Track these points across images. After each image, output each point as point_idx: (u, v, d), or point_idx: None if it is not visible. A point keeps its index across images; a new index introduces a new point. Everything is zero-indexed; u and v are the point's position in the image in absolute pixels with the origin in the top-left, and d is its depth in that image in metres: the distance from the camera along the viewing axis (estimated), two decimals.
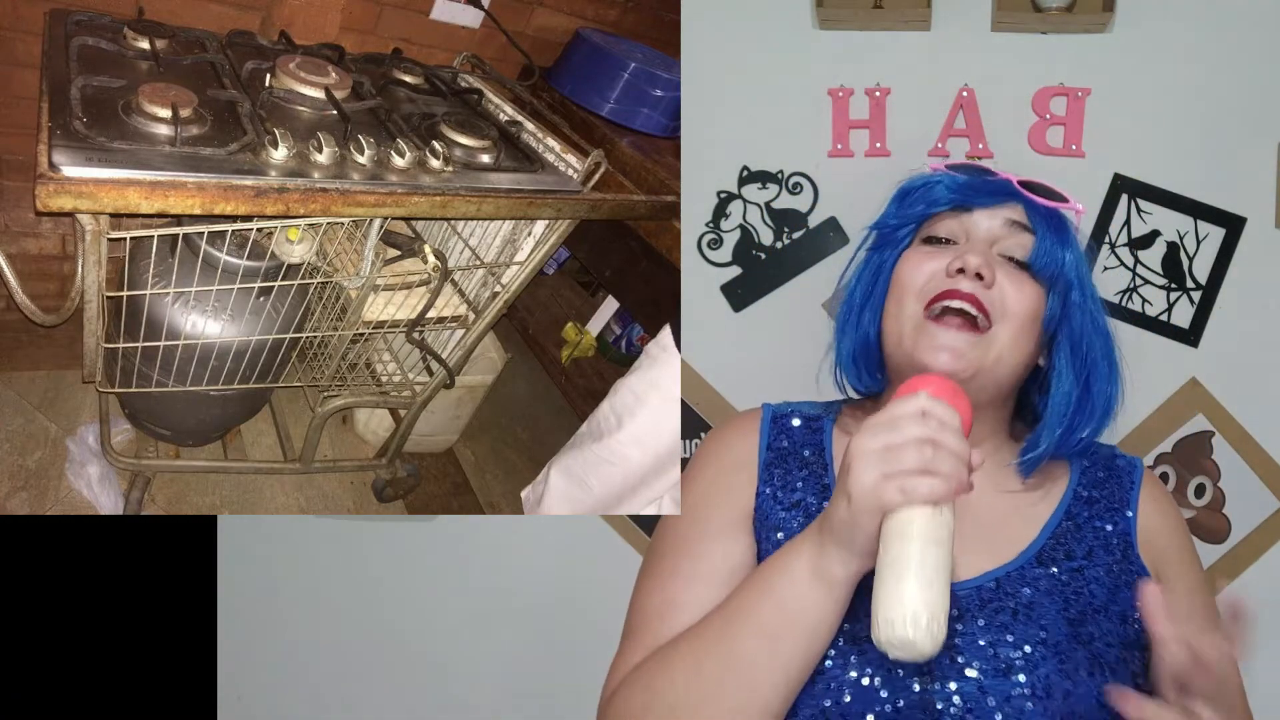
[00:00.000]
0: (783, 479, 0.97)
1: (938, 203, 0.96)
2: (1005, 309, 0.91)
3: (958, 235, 0.96)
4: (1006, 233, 0.95)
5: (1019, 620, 0.87)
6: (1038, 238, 0.94)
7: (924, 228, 0.98)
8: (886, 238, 0.99)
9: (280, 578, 1.77)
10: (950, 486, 0.73)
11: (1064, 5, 1.52)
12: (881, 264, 0.99)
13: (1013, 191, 0.96)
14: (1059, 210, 0.97)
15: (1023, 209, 0.96)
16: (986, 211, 0.95)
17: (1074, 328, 0.95)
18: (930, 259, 0.94)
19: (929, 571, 0.71)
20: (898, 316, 0.94)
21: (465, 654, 1.73)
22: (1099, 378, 0.96)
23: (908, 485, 0.73)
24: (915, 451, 0.74)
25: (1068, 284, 0.94)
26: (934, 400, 0.77)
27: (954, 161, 1.01)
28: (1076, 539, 0.93)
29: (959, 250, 0.93)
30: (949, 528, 0.74)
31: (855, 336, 0.99)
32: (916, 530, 0.73)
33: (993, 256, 0.93)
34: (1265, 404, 1.59)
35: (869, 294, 0.99)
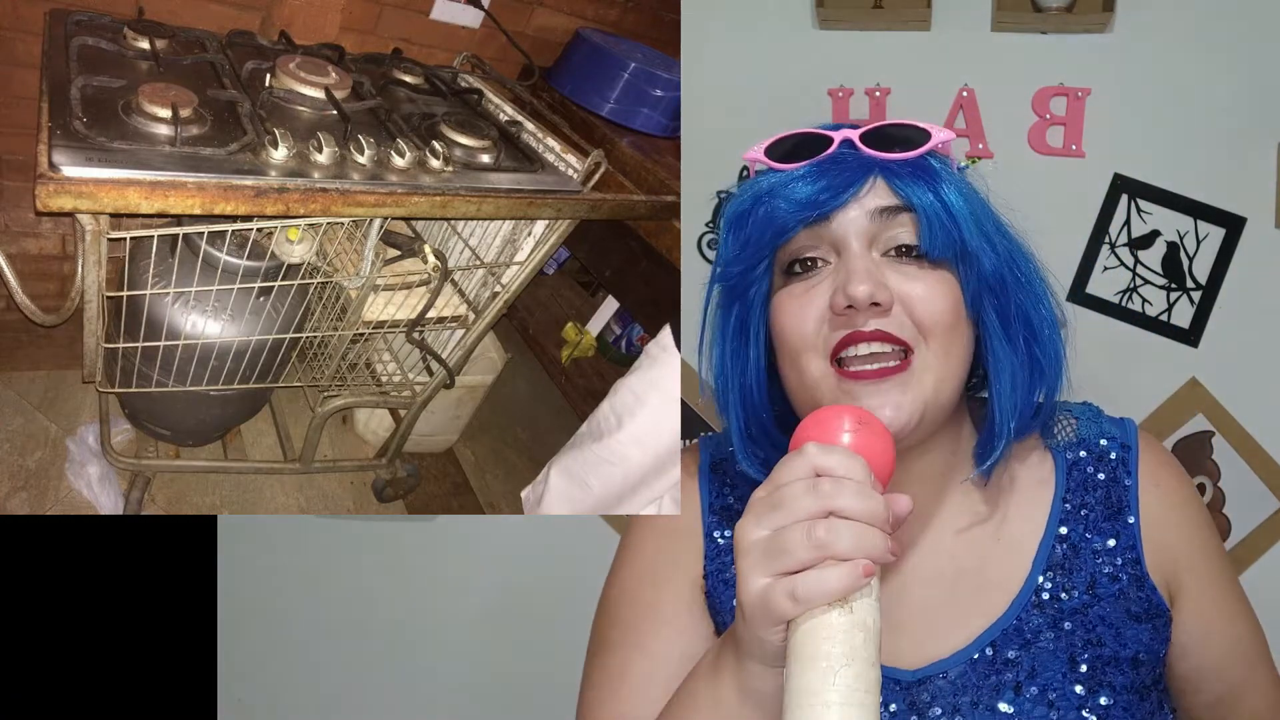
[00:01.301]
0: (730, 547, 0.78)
1: (784, 228, 0.74)
2: (919, 322, 0.73)
3: (825, 253, 0.75)
4: (879, 225, 0.74)
5: (1024, 697, 0.74)
6: (919, 214, 0.73)
7: (780, 256, 0.77)
8: (736, 284, 0.78)
9: (280, 578, 1.77)
10: (856, 571, 0.58)
11: (1064, 5, 1.53)
12: (745, 317, 0.79)
13: (866, 164, 0.75)
14: (925, 158, 0.75)
15: (885, 183, 0.74)
16: (848, 208, 0.74)
17: (996, 292, 0.76)
18: (807, 299, 0.74)
19: (843, 707, 0.56)
20: (801, 383, 0.75)
21: (465, 654, 1.73)
22: (1038, 335, 0.78)
23: (800, 589, 0.58)
24: (804, 536, 0.59)
25: (974, 250, 0.74)
26: (825, 451, 0.61)
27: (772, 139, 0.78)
28: (1074, 568, 0.79)
29: (835, 274, 0.74)
30: (866, 625, 0.59)
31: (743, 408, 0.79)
32: (822, 648, 0.58)
33: (876, 266, 0.73)
34: (1265, 404, 1.59)
35: (742, 356, 0.79)
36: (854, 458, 0.61)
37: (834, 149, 0.76)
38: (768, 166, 0.78)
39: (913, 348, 0.73)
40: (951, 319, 0.74)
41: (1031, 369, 0.78)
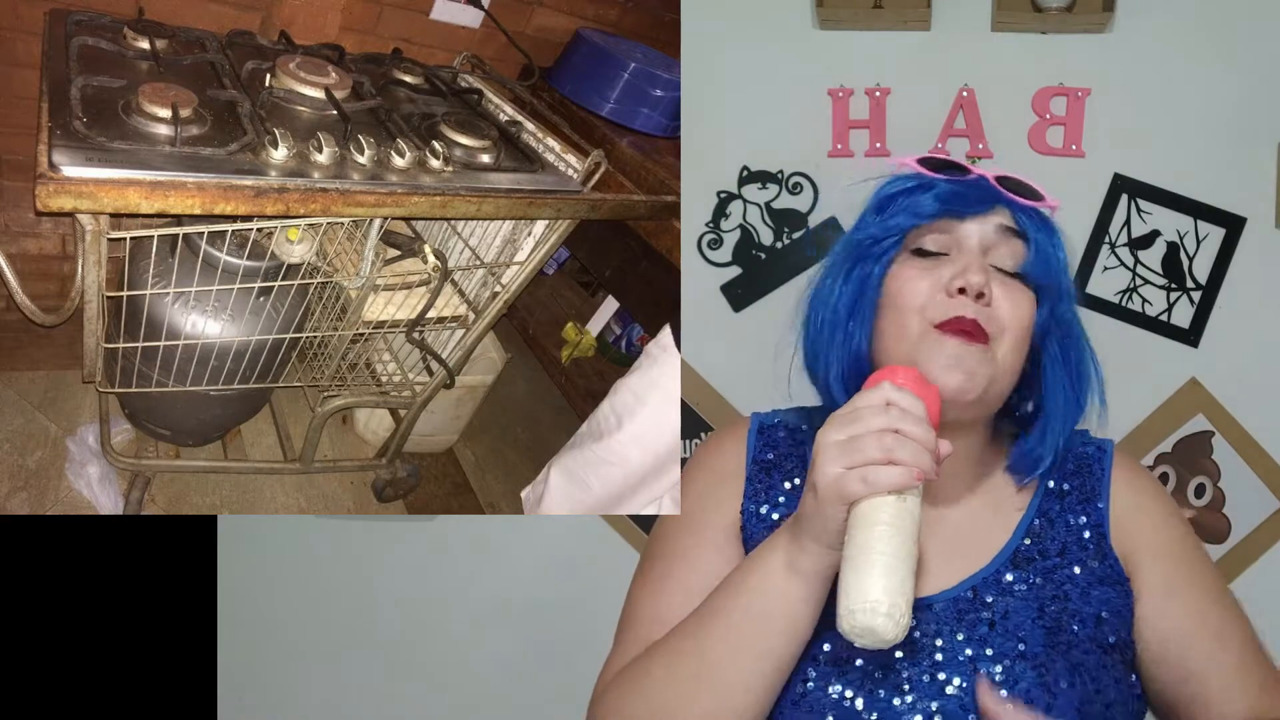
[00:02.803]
0: (766, 494, 0.96)
1: (924, 215, 0.92)
2: (1002, 324, 0.89)
3: (948, 247, 0.91)
4: (997, 241, 0.91)
5: (996, 632, 0.86)
6: (1030, 246, 0.91)
7: (910, 238, 0.93)
8: (867, 250, 0.94)
9: (280, 578, 1.77)
10: (913, 474, 0.73)
11: (1064, 5, 1.52)
12: (866, 277, 0.93)
13: (998, 196, 0.93)
14: (1041, 211, 0.95)
15: (1009, 213, 0.93)
16: (977, 220, 0.91)
17: (1063, 331, 0.93)
18: (925, 275, 0.90)
19: (890, 559, 0.72)
20: (900, 336, 0.90)
21: (465, 654, 1.73)
22: (1086, 380, 0.95)
23: (870, 475, 0.73)
24: (877, 441, 0.74)
25: (1059, 292, 0.92)
26: (898, 390, 0.77)
27: (924, 156, 0.95)
28: (1050, 537, 0.93)
29: (954, 265, 0.90)
30: (913, 515, 0.74)
31: (844, 355, 0.94)
32: (879, 518, 0.73)
33: (987, 269, 0.90)
34: (1265, 404, 1.59)
35: (853, 309, 0.93)
36: (917, 399, 0.77)
37: (972, 178, 0.93)
38: (915, 170, 0.94)
39: (992, 339, 0.88)
40: (1025, 329, 0.90)
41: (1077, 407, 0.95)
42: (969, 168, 0.94)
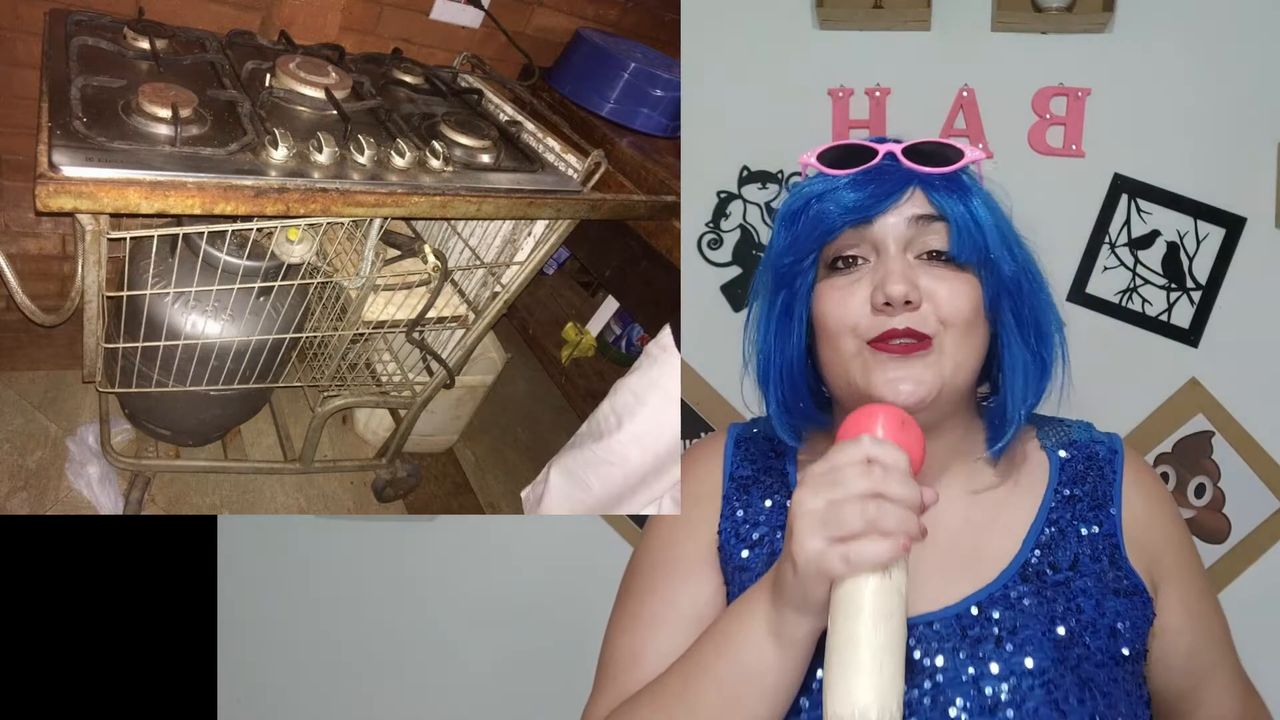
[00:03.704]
0: (745, 512, 0.93)
1: (832, 228, 0.85)
2: (942, 318, 0.83)
3: (866, 252, 0.85)
4: (915, 230, 0.84)
5: (1002, 649, 0.82)
6: (951, 223, 0.84)
7: (825, 252, 0.87)
8: (785, 274, 0.88)
9: (280, 578, 1.77)
10: (898, 545, 0.69)
11: (1064, 5, 1.53)
12: (790, 302, 0.88)
13: (906, 176, 0.85)
14: (958, 174, 0.86)
15: (923, 193, 0.85)
16: (890, 213, 0.84)
17: (1013, 296, 0.86)
18: (848, 291, 0.85)
19: (877, 652, 0.68)
20: (837, 359, 0.86)
21: (465, 654, 1.73)
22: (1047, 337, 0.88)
23: (852, 553, 0.69)
24: (859, 510, 0.69)
25: (996, 258, 0.85)
26: (879, 443, 0.72)
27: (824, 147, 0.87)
28: (1060, 547, 0.87)
29: (874, 273, 0.84)
30: (899, 592, 0.70)
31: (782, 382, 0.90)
32: (863, 604, 0.69)
33: (910, 268, 0.83)
34: (1265, 404, 1.59)
35: (784, 336, 0.89)
36: (900, 452, 0.72)
37: (878, 160, 0.86)
38: (818, 170, 0.88)
39: (934, 338, 0.83)
40: (971, 316, 0.84)
41: (1041, 366, 0.88)
42: (872, 147, 0.86)
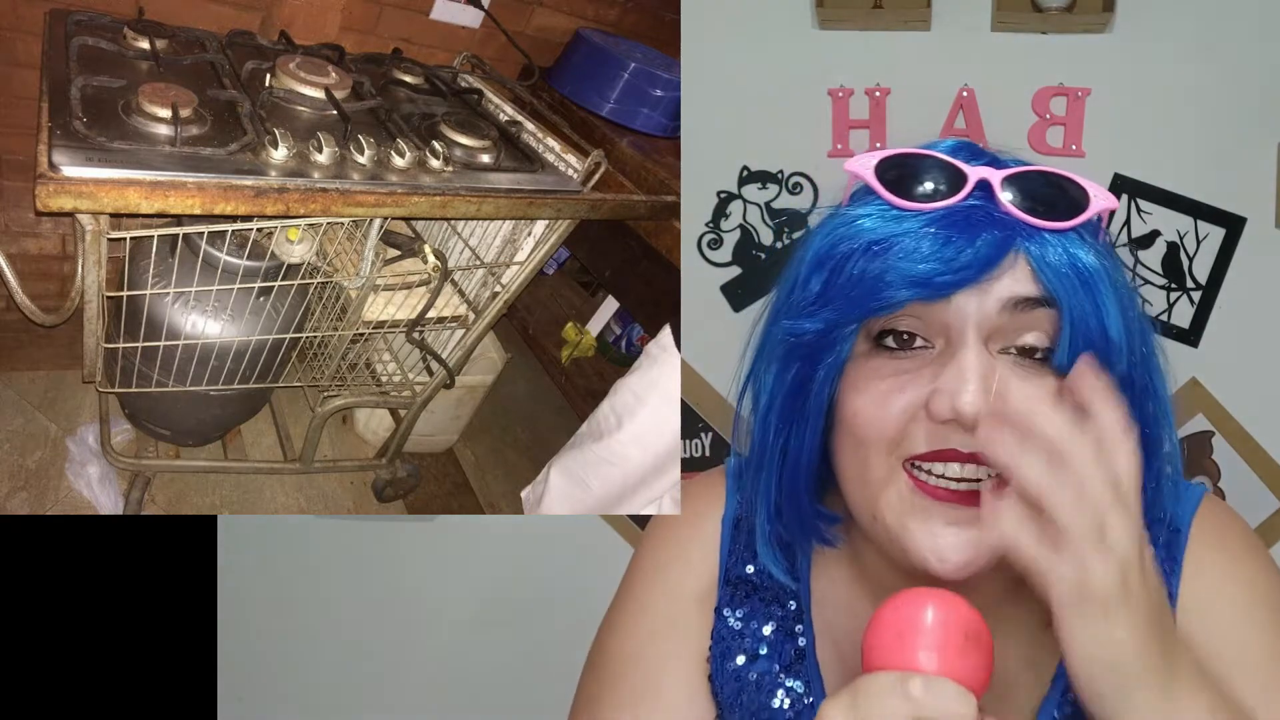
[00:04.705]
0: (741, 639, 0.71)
1: (893, 302, 0.59)
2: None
3: (929, 334, 0.61)
4: (1007, 320, 0.59)
5: None
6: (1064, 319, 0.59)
7: (871, 322, 0.62)
8: (807, 346, 0.63)
9: (280, 578, 1.77)
10: None
11: (1064, 5, 1.53)
12: (807, 379, 0.63)
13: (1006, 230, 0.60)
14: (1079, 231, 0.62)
15: (1027, 262, 0.60)
16: (971, 291, 0.59)
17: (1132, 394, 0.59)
18: (896, 386, 0.60)
19: None
20: (862, 479, 0.61)
21: (465, 654, 1.73)
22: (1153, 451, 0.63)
23: None
24: None
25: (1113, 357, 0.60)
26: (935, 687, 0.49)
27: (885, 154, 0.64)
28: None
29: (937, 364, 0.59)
30: None
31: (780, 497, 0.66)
32: None
33: (991, 370, 0.58)
34: (1265, 404, 1.59)
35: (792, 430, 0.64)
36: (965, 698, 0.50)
37: (966, 194, 0.61)
38: (878, 194, 0.63)
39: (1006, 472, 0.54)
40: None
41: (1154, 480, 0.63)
42: (959, 168, 0.63)
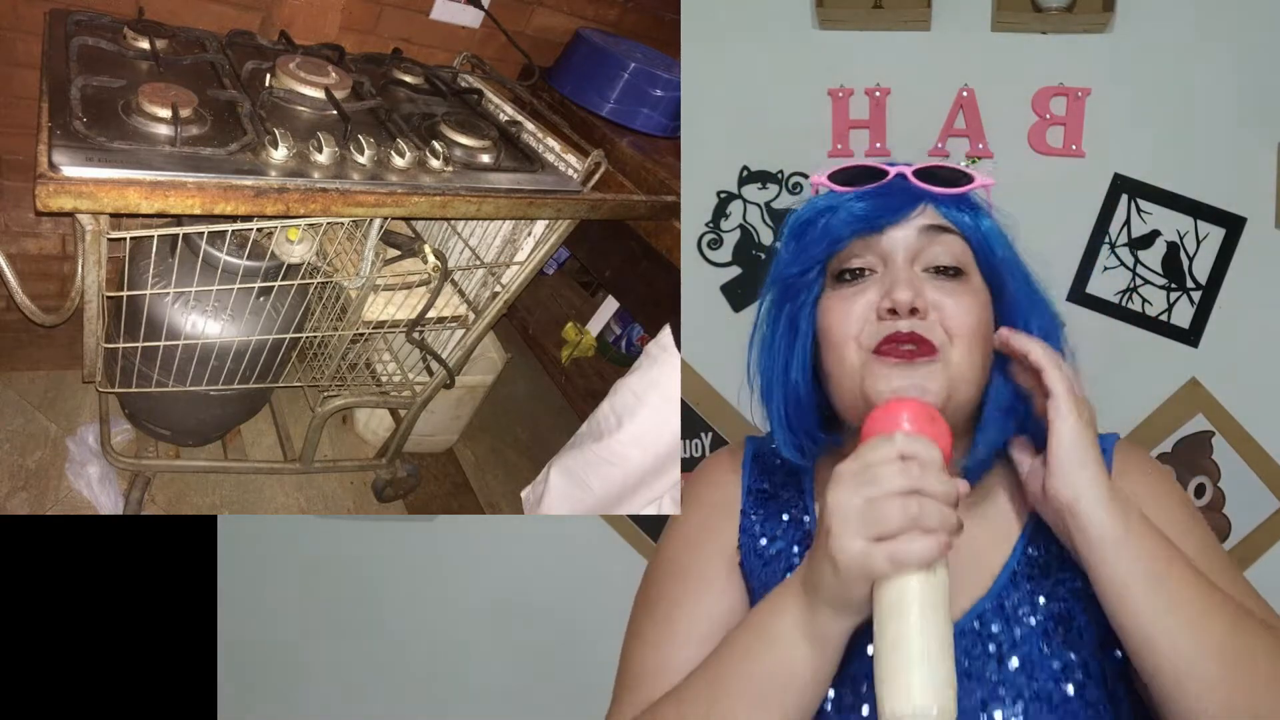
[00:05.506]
0: (763, 525, 0.91)
1: (840, 237, 0.85)
2: (949, 329, 0.81)
3: (873, 263, 0.85)
4: (924, 242, 0.84)
5: (1005, 668, 0.80)
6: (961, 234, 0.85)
7: (832, 264, 0.86)
8: (791, 285, 0.88)
9: (280, 578, 1.77)
10: (942, 542, 0.67)
11: (1064, 5, 1.53)
12: (795, 315, 0.88)
13: (917, 194, 0.85)
14: (969, 195, 0.87)
15: (933, 208, 0.85)
16: (898, 227, 0.84)
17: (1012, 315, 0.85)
18: (853, 301, 0.84)
19: (932, 650, 0.66)
20: (842, 370, 0.84)
21: (465, 653, 1.73)
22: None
23: (898, 552, 0.67)
24: (900, 508, 0.67)
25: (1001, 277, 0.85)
26: (913, 438, 0.70)
27: (836, 167, 0.89)
28: (1050, 545, 0.84)
29: (880, 283, 0.83)
30: (944, 587, 0.69)
31: (785, 397, 0.88)
32: (910, 603, 0.67)
33: (917, 278, 0.83)
34: (1265, 404, 1.59)
35: (789, 349, 0.88)
36: (934, 446, 0.70)
37: (889, 179, 0.87)
38: (829, 189, 0.89)
39: (940, 349, 0.81)
40: (978, 328, 0.83)
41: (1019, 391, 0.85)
42: (883, 168, 0.87)
